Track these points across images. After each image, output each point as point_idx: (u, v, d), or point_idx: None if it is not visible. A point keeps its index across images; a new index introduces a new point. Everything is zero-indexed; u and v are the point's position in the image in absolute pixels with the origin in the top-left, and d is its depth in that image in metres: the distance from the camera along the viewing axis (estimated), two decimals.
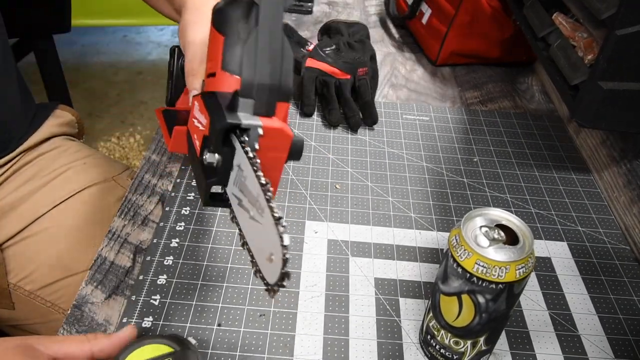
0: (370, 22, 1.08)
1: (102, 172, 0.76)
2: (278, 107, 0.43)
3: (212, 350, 0.49)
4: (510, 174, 0.72)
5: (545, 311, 0.55)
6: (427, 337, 0.49)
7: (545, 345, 0.52)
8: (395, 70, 0.94)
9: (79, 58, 2.54)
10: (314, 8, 1.10)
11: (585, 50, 0.61)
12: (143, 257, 0.58)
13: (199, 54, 0.53)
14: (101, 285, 0.55)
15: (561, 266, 0.60)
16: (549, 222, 0.66)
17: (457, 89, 0.90)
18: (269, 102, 0.43)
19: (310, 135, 0.76)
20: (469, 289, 0.42)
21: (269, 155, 0.43)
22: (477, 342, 0.46)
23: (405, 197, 0.67)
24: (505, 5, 0.89)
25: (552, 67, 0.67)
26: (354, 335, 0.52)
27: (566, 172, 0.74)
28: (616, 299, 0.57)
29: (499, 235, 0.42)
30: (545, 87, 0.92)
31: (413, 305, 0.55)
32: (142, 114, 2.24)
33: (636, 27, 0.53)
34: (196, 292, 0.54)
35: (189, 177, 0.67)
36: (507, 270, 0.41)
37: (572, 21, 0.66)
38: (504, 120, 0.83)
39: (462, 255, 0.42)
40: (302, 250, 0.59)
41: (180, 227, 0.61)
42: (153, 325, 0.51)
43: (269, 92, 0.43)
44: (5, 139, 0.70)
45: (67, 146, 0.78)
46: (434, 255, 0.60)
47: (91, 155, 0.79)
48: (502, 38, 0.92)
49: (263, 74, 0.42)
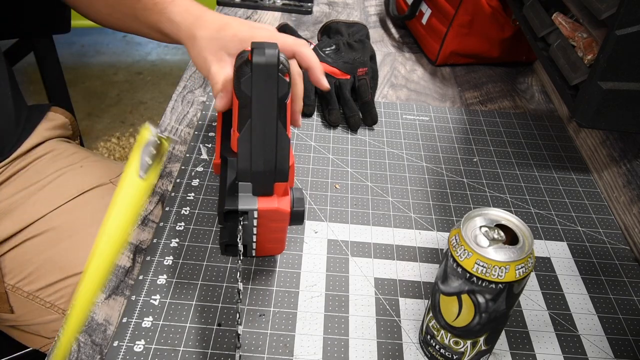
0: (370, 22, 1.08)
1: (99, 175, 0.76)
2: (277, 185, 0.47)
3: (212, 350, 0.49)
4: (510, 174, 0.72)
5: (545, 311, 0.56)
6: (426, 337, 0.49)
7: (545, 345, 0.52)
8: (395, 70, 0.94)
9: (78, 58, 2.54)
10: (314, 8, 1.10)
11: (585, 50, 0.61)
12: (143, 257, 0.58)
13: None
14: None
15: (561, 266, 0.60)
16: (549, 222, 0.66)
17: (456, 89, 0.90)
18: (265, 185, 0.47)
19: (310, 135, 0.76)
20: (468, 289, 0.42)
21: (271, 225, 0.48)
22: (477, 342, 0.46)
23: (405, 197, 0.67)
24: (505, 5, 0.89)
25: (551, 67, 0.67)
26: (354, 335, 0.52)
27: (566, 172, 0.74)
28: (616, 299, 0.57)
29: (499, 235, 0.42)
30: (545, 87, 0.92)
31: (413, 305, 0.55)
32: (142, 114, 2.24)
33: (636, 27, 0.53)
34: (196, 292, 0.54)
35: (189, 177, 0.67)
36: (506, 270, 0.41)
37: (572, 21, 0.66)
38: (503, 121, 0.83)
39: (462, 255, 0.42)
40: (302, 250, 0.59)
41: (180, 227, 0.61)
42: (153, 325, 0.51)
43: (265, 177, 0.47)
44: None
45: (62, 149, 0.77)
46: (434, 255, 0.60)
47: (87, 158, 0.78)
48: (502, 38, 0.92)
49: (258, 163, 0.46)
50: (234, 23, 0.55)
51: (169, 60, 2.56)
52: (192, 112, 0.79)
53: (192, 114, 0.78)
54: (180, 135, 0.74)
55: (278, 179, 0.47)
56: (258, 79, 0.45)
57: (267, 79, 0.45)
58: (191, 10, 0.57)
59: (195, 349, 0.49)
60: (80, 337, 0.50)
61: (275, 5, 1.09)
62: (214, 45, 0.54)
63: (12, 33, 0.92)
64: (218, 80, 0.52)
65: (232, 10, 1.07)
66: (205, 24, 0.55)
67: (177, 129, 0.76)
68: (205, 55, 0.54)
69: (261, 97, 0.45)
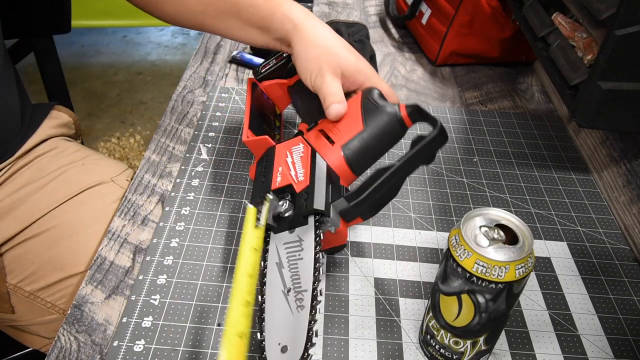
0: (370, 22, 1.08)
1: (101, 173, 0.76)
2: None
3: (212, 350, 0.49)
4: (510, 174, 0.72)
5: (545, 311, 0.56)
6: (426, 337, 0.49)
7: (545, 345, 0.52)
8: (395, 70, 0.94)
9: (78, 58, 2.54)
10: (313, 8, 1.10)
11: (584, 50, 0.61)
12: (143, 257, 0.58)
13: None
14: (101, 285, 0.55)
15: (561, 266, 0.60)
16: (549, 222, 0.66)
17: (456, 89, 0.90)
18: (353, 216, 0.51)
19: None
20: (468, 289, 0.42)
21: (325, 238, 0.51)
22: (477, 342, 0.46)
23: (405, 197, 0.67)
24: (505, 5, 0.89)
25: (551, 67, 0.67)
26: (354, 335, 0.52)
27: (566, 172, 0.74)
28: (616, 299, 0.57)
29: (499, 235, 0.42)
30: (545, 87, 0.92)
31: (413, 305, 0.55)
32: (142, 114, 2.24)
33: (636, 27, 0.53)
34: (196, 292, 0.54)
35: (189, 177, 0.67)
36: (506, 270, 0.41)
37: (572, 21, 0.66)
38: (503, 120, 0.83)
39: (462, 255, 0.42)
40: None
41: (180, 227, 0.61)
42: (153, 325, 0.51)
43: (359, 212, 0.51)
44: (4, 141, 0.70)
45: (65, 147, 0.77)
46: (434, 255, 0.60)
47: (89, 156, 0.78)
48: (502, 38, 0.92)
49: (365, 213, 0.52)
50: (352, 49, 0.57)
51: (169, 60, 2.56)
52: (192, 112, 0.79)
53: (192, 114, 0.78)
54: (181, 136, 0.75)
55: (364, 218, 0.52)
56: (432, 146, 0.49)
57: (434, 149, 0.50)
58: (308, 13, 0.57)
59: (195, 349, 0.49)
60: (80, 337, 0.51)
61: None
62: (333, 60, 0.54)
63: (12, 33, 0.92)
64: (334, 92, 0.53)
65: None
66: (322, 33, 0.56)
67: (177, 129, 0.76)
68: (320, 64, 0.54)
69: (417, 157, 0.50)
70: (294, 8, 0.56)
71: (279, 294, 0.45)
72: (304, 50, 0.55)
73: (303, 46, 0.55)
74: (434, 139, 0.49)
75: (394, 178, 0.50)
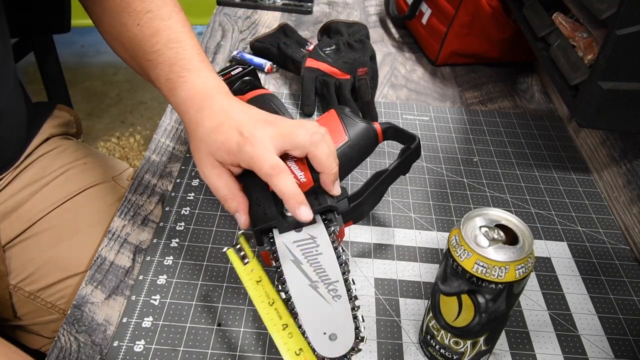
0: (370, 22, 1.08)
1: (101, 172, 0.76)
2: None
3: (212, 350, 0.49)
4: (510, 174, 0.72)
5: (545, 311, 0.56)
6: (426, 337, 0.49)
7: (545, 345, 0.52)
8: (395, 70, 0.94)
9: (78, 58, 2.54)
10: (314, 8, 1.10)
11: (585, 50, 0.61)
12: (143, 257, 0.58)
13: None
14: (101, 285, 0.55)
15: (561, 266, 0.60)
16: (549, 222, 0.66)
17: (457, 89, 0.90)
18: (350, 217, 0.53)
19: None
20: (468, 289, 0.42)
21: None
22: (477, 342, 0.46)
23: (405, 197, 0.67)
24: (505, 5, 0.89)
25: (552, 67, 0.67)
26: None
27: (566, 172, 0.74)
28: (616, 299, 0.57)
29: (499, 235, 0.42)
30: (545, 87, 0.92)
31: (413, 306, 0.55)
32: (142, 114, 2.24)
33: (636, 27, 0.53)
34: (196, 292, 0.54)
35: (189, 177, 0.67)
36: (506, 270, 0.41)
37: (572, 21, 0.66)
38: (503, 120, 0.83)
39: (462, 255, 0.42)
40: None
41: (180, 227, 0.61)
42: (153, 325, 0.51)
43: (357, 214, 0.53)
44: (8, 142, 0.70)
45: (66, 146, 0.77)
46: (434, 255, 0.60)
47: (90, 155, 0.78)
48: (502, 38, 0.92)
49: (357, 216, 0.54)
50: (228, 124, 0.48)
51: None
52: None
53: None
54: (181, 136, 0.74)
55: (355, 221, 0.54)
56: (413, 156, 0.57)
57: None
58: (195, 99, 0.52)
59: (195, 349, 0.49)
60: (80, 337, 0.51)
61: (275, 5, 1.09)
62: (204, 149, 0.49)
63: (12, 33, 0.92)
64: (217, 187, 0.49)
65: (232, 10, 1.07)
66: (203, 120, 0.50)
67: (177, 129, 0.76)
68: (197, 156, 0.50)
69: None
70: (182, 94, 0.53)
71: (306, 288, 0.45)
72: (189, 143, 0.53)
73: (189, 138, 0.53)
74: (416, 149, 0.56)
75: (388, 180, 0.55)
